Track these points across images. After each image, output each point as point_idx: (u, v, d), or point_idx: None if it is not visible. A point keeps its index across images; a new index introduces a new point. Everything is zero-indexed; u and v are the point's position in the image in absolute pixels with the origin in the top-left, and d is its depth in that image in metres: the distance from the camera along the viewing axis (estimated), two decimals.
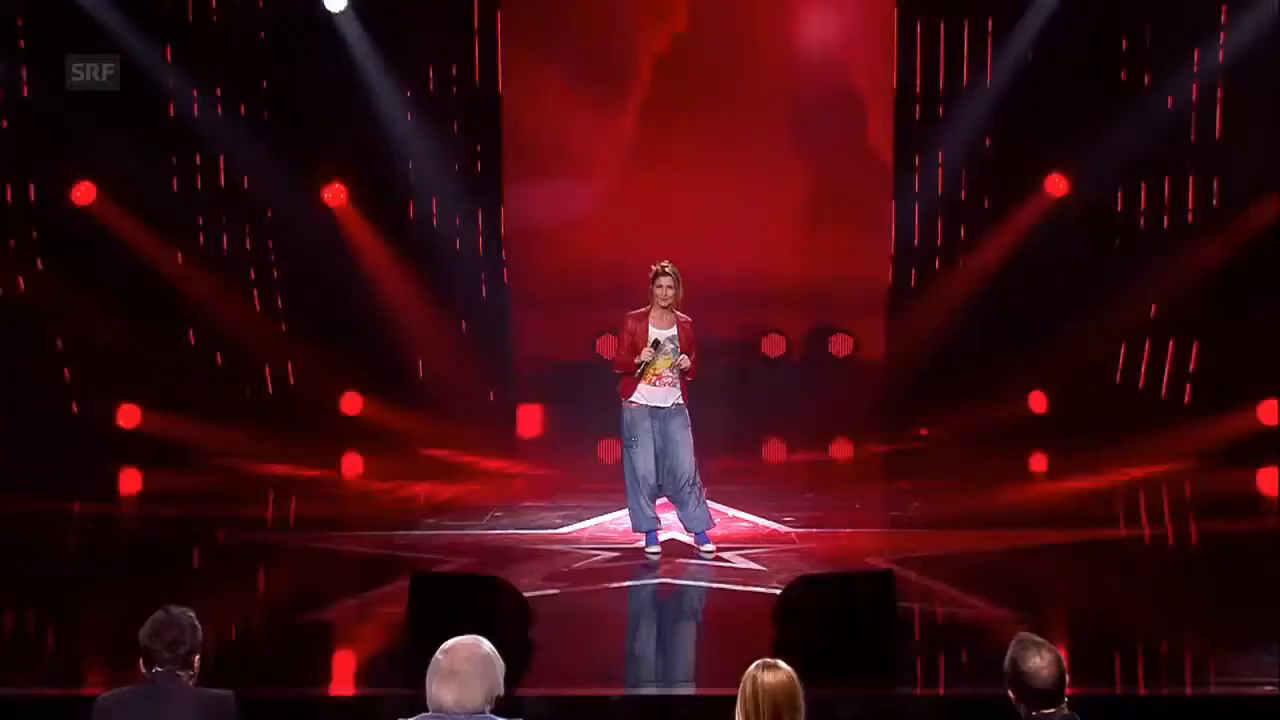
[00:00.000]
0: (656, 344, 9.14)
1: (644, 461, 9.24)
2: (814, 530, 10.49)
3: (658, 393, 9.23)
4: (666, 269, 9.19)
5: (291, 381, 15.26)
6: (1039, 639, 4.50)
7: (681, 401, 9.27)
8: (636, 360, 9.15)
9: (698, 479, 9.36)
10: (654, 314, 9.26)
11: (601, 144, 16.08)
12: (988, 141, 15.30)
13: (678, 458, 9.23)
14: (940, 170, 15.49)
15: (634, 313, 9.33)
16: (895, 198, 15.63)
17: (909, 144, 15.46)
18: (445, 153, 15.47)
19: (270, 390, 15.24)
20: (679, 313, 9.30)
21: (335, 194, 15.30)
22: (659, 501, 9.55)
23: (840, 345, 16.04)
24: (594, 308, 15.56)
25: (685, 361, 9.16)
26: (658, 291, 9.20)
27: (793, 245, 16.03)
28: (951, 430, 14.75)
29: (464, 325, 15.73)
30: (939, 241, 15.60)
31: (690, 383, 9.41)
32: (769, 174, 15.91)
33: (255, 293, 15.28)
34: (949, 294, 15.39)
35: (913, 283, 15.64)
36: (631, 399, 9.27)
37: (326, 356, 14.88)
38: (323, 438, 14.19)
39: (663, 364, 9.17)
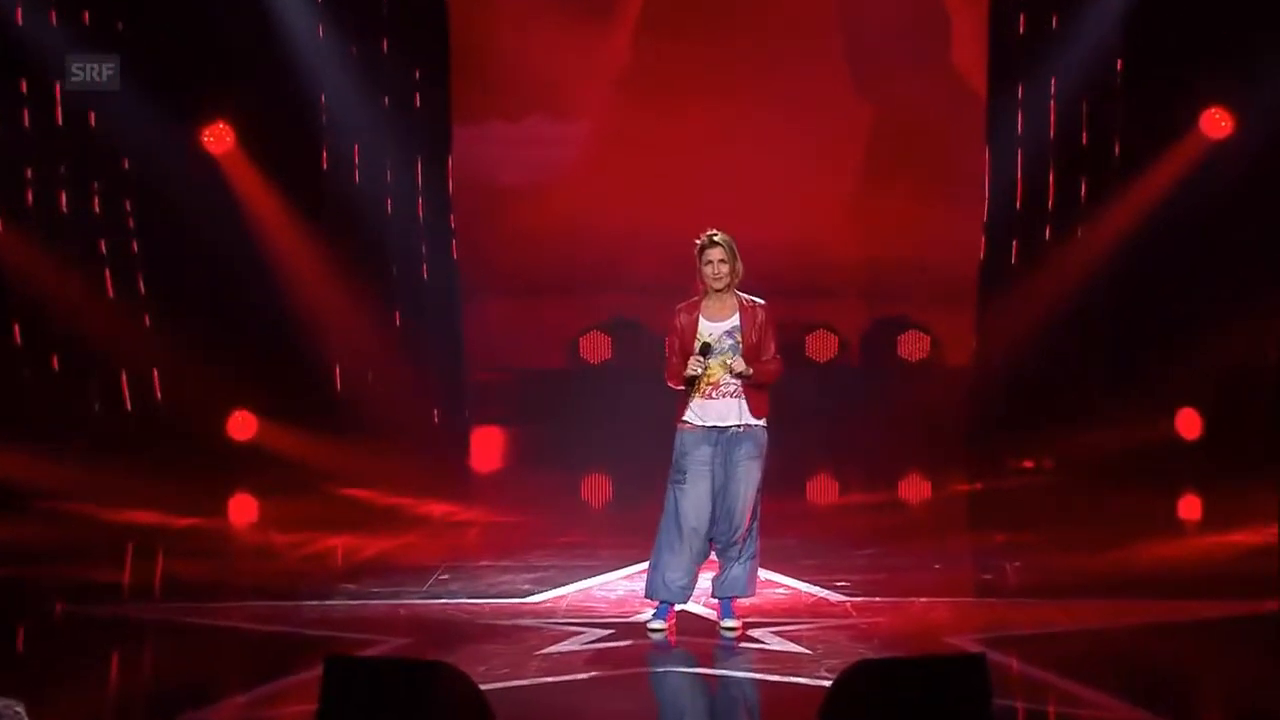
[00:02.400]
0: (706, 348, 9.21)
1: (695, 506, 9.35)
2: (876, 600, 10.51)
3: (715, 407, 9.32)
4: (716, 238, 9.31)
5: (159, 395, 15.27)
6: None
7: (753, 420, 9.31)
8: (685, 373, 9.24)
9: (755, 530, 9.51)
10: (707, 302, 9.35)
11: (584, 71, 16.04)
12: (1119, 64, 15.27)
13: (737, 498, 9.37)
14: (1052, 104, 15.43)
15: (683, 304, 9.41)
16: (990, 143, 15.57)
17: (1010, 68, 15.45)
18: (372, 82, 15.47)
19: (129, 406, 15.23)
20: (743, 295, 9.37)
21: (219, 137, 15.27)
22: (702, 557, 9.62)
23: (912, 346, 16.09)
24: (575, 294, 15.78)
25: (740, 364, 9.22)
26: (707, 270, 9.29)
27: (848, 210, 16.03)
28: (1066, 462, 14.77)
29: (398, 318, 15.73)
30: (1050, 203, 15.54)
31: (772, 388, 9.48)
32: (815, 113, 15.90)
33: (108, 273, 15.23)
34: (1063, 275, 15.34)
35: (1013, 258, 15.60)
36: (684, 419, 9.36)
37: (208, 361, 14.88)
38: (203, 472, 14.21)
39: (718, 369, 9.26)
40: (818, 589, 10.72)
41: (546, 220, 15.77)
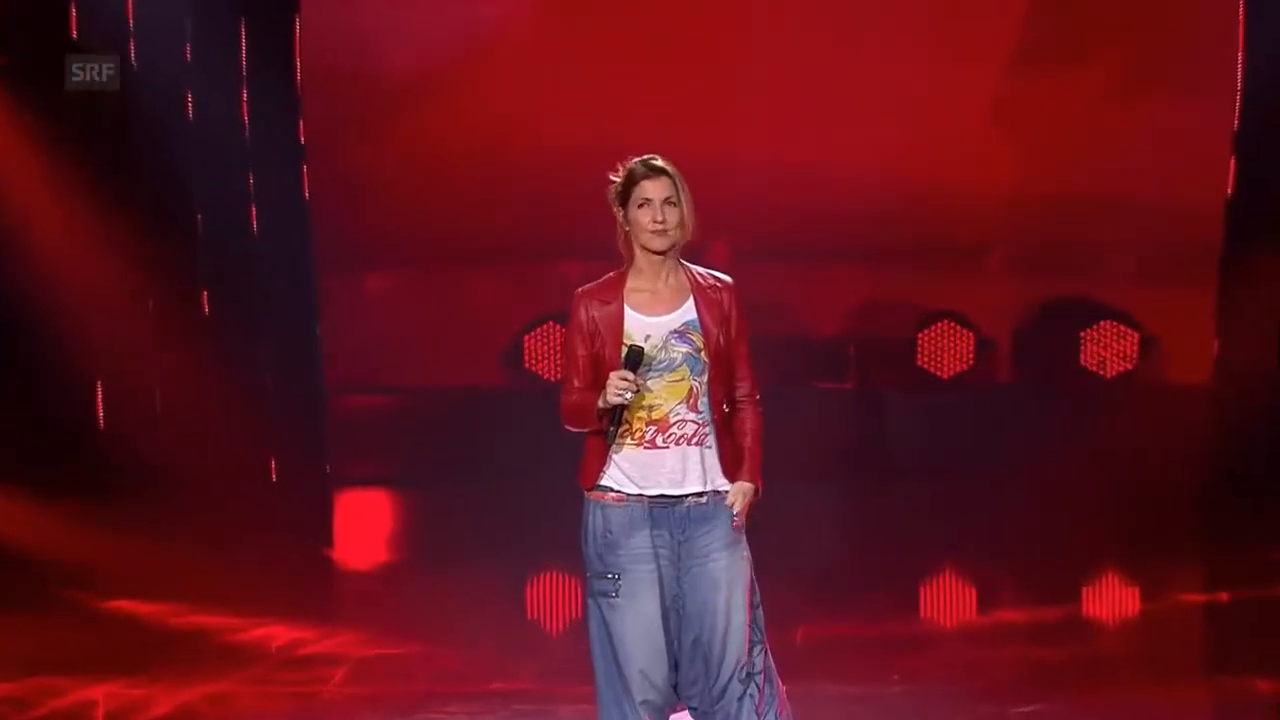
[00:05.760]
0: (634, 356, 9.07)
1: (644, 632, 9.25)
2: None
3: (663, 464, 9.27)
4: (656, 163, 9.28)
5: None
6: None
7: (721, 483, 9.24)
8: (601, 403, 9.12)
9: (767, 665, 9.27)
10: (635, 281, 9.31)
11: None
12: None
13: (710, 616, 9.21)
14: None
15: (592, 286, 9.37)
16: (1248, 4, 15.75)
17: None
18: None
19: None
20: (696, 268, 9.37)
21: None
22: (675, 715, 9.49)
23: (1107, 349, 16.02)
24: (514, 262, 15.79)
25: (740, 499, 9.21)
26: (640, 216, 9.19)
27: (992, 120, 16.16)
28: None
29: (207, 302, 15.88)
30: None
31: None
32: None
33: None
34: None
35: None
36: (602, 482, 9.14)
37: None
38: None
39: (668, 396, 9.18)
40: None
41: (463, 136, 15.90)
